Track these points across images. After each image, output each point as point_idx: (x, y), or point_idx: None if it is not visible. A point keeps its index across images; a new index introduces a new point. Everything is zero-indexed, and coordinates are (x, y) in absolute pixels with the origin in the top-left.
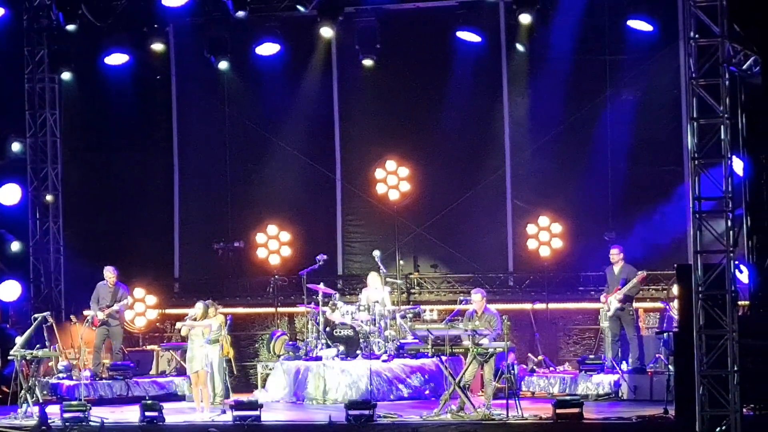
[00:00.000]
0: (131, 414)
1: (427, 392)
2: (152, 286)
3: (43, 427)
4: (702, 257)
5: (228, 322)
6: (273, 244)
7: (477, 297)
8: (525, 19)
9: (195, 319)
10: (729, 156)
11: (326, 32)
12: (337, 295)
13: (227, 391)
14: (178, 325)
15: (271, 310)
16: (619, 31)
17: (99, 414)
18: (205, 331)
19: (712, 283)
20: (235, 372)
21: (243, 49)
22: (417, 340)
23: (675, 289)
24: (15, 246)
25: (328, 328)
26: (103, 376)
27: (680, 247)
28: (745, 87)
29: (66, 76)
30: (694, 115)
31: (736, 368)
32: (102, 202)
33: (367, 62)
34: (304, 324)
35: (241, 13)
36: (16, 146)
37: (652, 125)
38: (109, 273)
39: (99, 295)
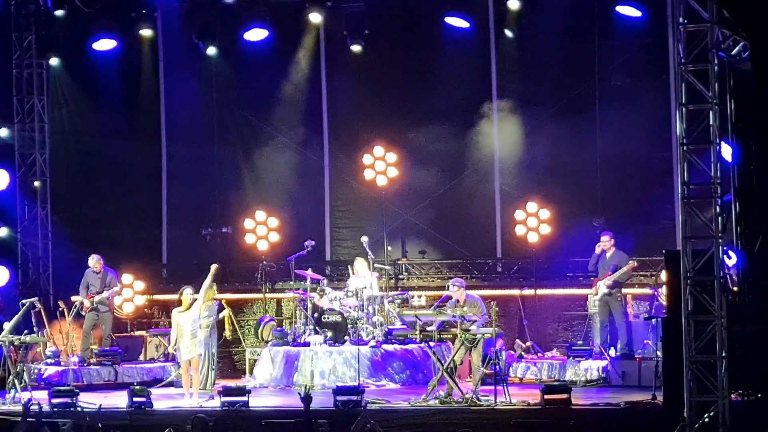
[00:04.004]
0: (119, 400)
1: (414, 378)
2: (140, 271)
3: (29, 417)
4: (690, 243)
5: (216, 307)
6: (261, 230)
7: (454, 288)
8: (514, 4)
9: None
10: (718, 142)
11: (314, 18)
12: (325, 281)
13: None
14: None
15: (259, 295)
16: (608, 17)
17: (87, 400)
18: (211, 293)
19: (701, 269)
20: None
21: (231, 34)
22: (405, 326)
23: (663, 275)
24: (3, 231)
25: (316, 314)
26: (92, 361)
27: (669, 233)
28: (734, 72)
29: (54, 61)
30: (683, 101)
31: (724, 354)
32: (90, 188)
33: (356, 48)
34: (292, 310)
35: None
36: (3, 132)
37: (641, 111)
38: (94, 261)
39: (88, 281)
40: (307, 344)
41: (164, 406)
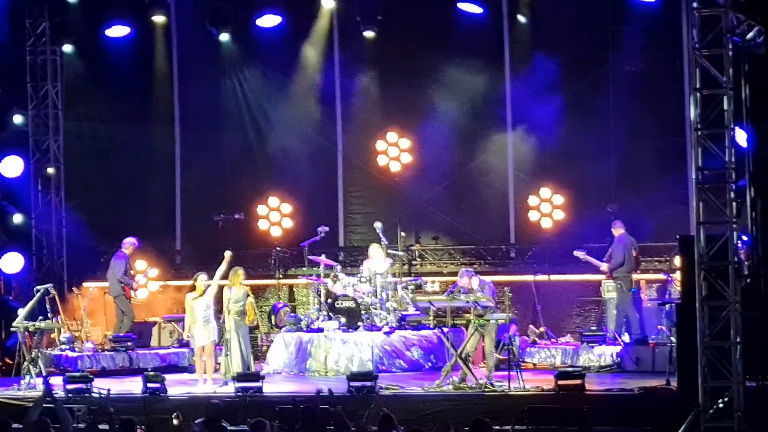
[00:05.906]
0: (134, 385)
1: (428, 364)
2: (154, 258)
3: (48, 398)
4: (705, 228)
5: (244, 292)
6: (274, 216)
7: (464, 281)
8: None
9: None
10: (732, 127)
11: (327, 3)
12: (339, 267)
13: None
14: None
15: (273, 281)
16: (622, 2)
17: (101, 385)
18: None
19: (715, 255)
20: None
21: (244, 20)
22: (418, 312)
23: (677, 261)
24: (17, 218)
25: (329, 300)
26: (106, 347)
27: (683, 218)
28: (749, 57)
29: (67, 48)
30: (697, 86)
31: (738, 340)
32: (103, 174)
33: (369, 34)
34: (306, 296)
35: None
36: (17, 118)
37: (655, 96)
38: (132, 245)
39: (126, 266)
40: (320, 330)
41: (178, 392)
